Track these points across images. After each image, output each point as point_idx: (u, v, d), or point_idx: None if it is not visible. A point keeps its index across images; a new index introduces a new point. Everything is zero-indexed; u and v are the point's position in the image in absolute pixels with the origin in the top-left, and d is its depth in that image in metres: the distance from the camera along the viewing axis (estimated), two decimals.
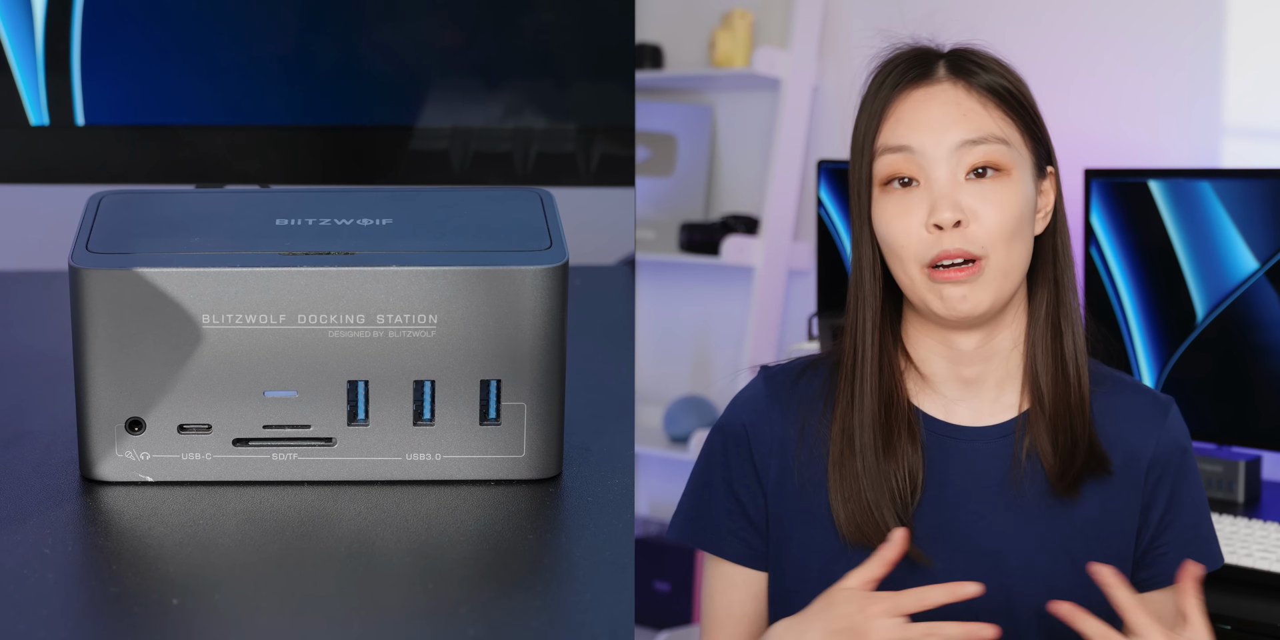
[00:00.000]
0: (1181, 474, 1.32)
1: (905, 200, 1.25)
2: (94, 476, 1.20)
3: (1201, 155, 2.44)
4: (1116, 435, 1.30)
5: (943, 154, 1.24)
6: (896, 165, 1.25)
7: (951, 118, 1.25)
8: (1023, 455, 1.28)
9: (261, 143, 1.43)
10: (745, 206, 3.10)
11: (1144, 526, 1.31)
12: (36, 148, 1.41)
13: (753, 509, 1.33)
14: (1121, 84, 2.52)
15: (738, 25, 2.95)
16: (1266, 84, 2.39)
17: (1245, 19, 2.41)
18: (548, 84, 1.44)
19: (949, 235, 1.23)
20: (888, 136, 1.26)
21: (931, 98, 1.26)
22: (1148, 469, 1.30)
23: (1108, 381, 1.33)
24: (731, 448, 1.34)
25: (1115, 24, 2.53)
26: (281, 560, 1.12)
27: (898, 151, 1.25)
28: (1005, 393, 1.31)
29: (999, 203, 1.24)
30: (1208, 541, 1.34)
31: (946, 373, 1.30)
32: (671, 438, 3.04)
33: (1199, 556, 1.32)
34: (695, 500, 1.36)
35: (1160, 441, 1.31)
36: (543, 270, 1.18)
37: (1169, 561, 1.31)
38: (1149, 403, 1.33)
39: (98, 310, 1.17)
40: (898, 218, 1.25)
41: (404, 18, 1.41)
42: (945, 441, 1.29)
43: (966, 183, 1.24)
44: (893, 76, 1.27)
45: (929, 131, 1.25)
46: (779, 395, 1.33)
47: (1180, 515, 1.32)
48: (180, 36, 1.40)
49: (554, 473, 1.23)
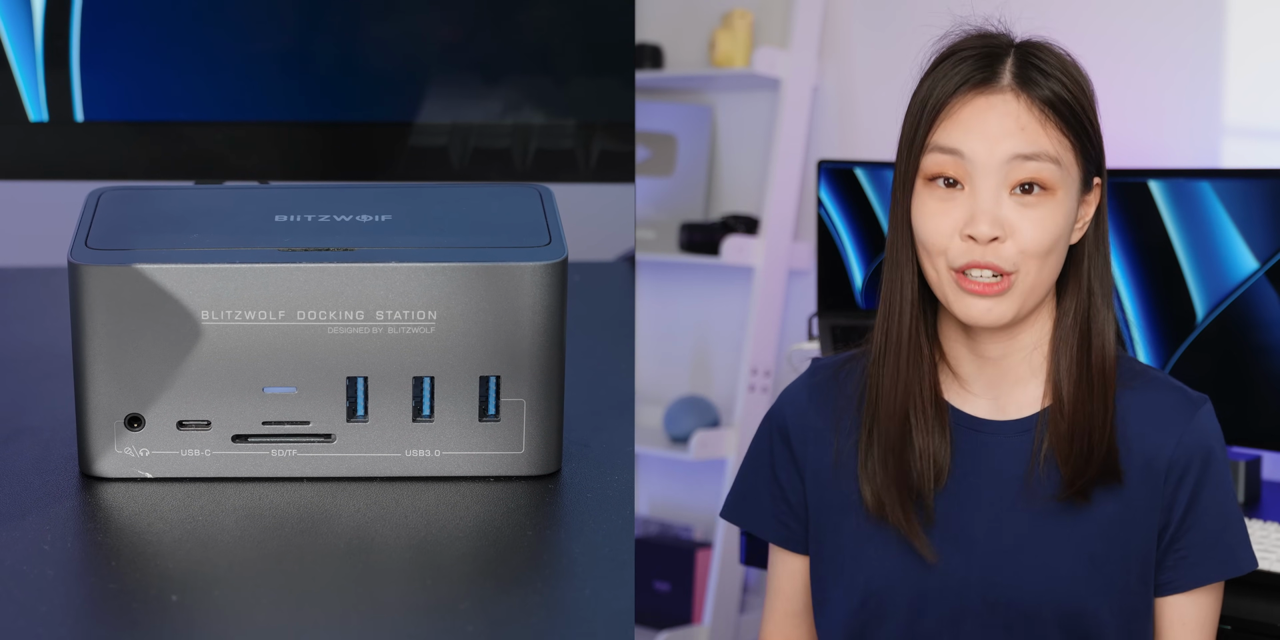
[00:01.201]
0: (1204, 476, 1.29)
1: (947, 201, 1.25)
2: (93, 473, 1.20)
3: (1201, 155, 2.44)
4: (1139, 433, 1.29)
5: (994, 165, 1.23)
6: (944, 165, 1.24)
7: (1008, 130, 1.24)
8: (1041, 453, 1.28)
9: (260, 139, 1.43)
10: (745, 206, 3.10)
11: (1165, 527, 1.28)
12: (36, 144, 1.41)
13: (792, 494, 1.36)
14: (1121, 84, 2.52)
15: (738, 25, 2.95)
16: (1266, 84, 2.39)
17: (1245, 19, 2.41)
18: (547, 80, 1.44)
19: (985, 249, 1.23)
20: (941, 136, 1.25)
21: (992, 107, 1.24)
22: (1167, 469, 1.28)
23: (1140, 379, 1.31)
24: (775, 436, 1.37)
25: (1115, 24, 2.53)
26: (281, 556, 1.12)
27: (949, 153, 1.24)
28: (1028, 388, 1.30)
29: (1039, 222, 1.23)
30: (1231, 548, 1.30)
31: (969, 364, 1.31)
32: (671, 437, 3.04)
33: (1220, 563, 1.30)
34: (743, 484, 1.40)
35: (1182, 442, 1.28)
36: (542, 266, 1.18)
37: (1189, 566, 1.29)
38: (1177, 401, 1.31)
39: (97, 306, 1.16)
40: (935, 217, 1.25)
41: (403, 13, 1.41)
42: (965, 433, 1.30)
43: (1010, 197, 1.23)
44: (958, 73, 1.26)
45: (983, 140, 1.24)
46: (820, 387, 1.36)
47: (1202, 519, 1.29)
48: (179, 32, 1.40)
49: (553, 469, 1.23)
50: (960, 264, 1.24)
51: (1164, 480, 1.28)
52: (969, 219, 1.23)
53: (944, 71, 1.27)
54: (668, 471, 3.22)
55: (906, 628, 1.29)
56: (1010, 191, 1.24)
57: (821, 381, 1.36)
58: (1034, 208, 1.24)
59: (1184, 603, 1.30)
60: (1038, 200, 1.24)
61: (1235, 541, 1.31)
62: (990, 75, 1.26)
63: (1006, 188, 1.24)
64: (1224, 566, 1.30)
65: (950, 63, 1.27)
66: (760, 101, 3.07)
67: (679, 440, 3.02)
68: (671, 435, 3.03)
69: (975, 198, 1.24)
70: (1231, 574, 1.30)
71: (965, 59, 1.27)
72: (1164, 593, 1.30)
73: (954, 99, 1.25)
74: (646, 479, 3.24)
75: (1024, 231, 1.23)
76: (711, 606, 2.94)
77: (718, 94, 3.16)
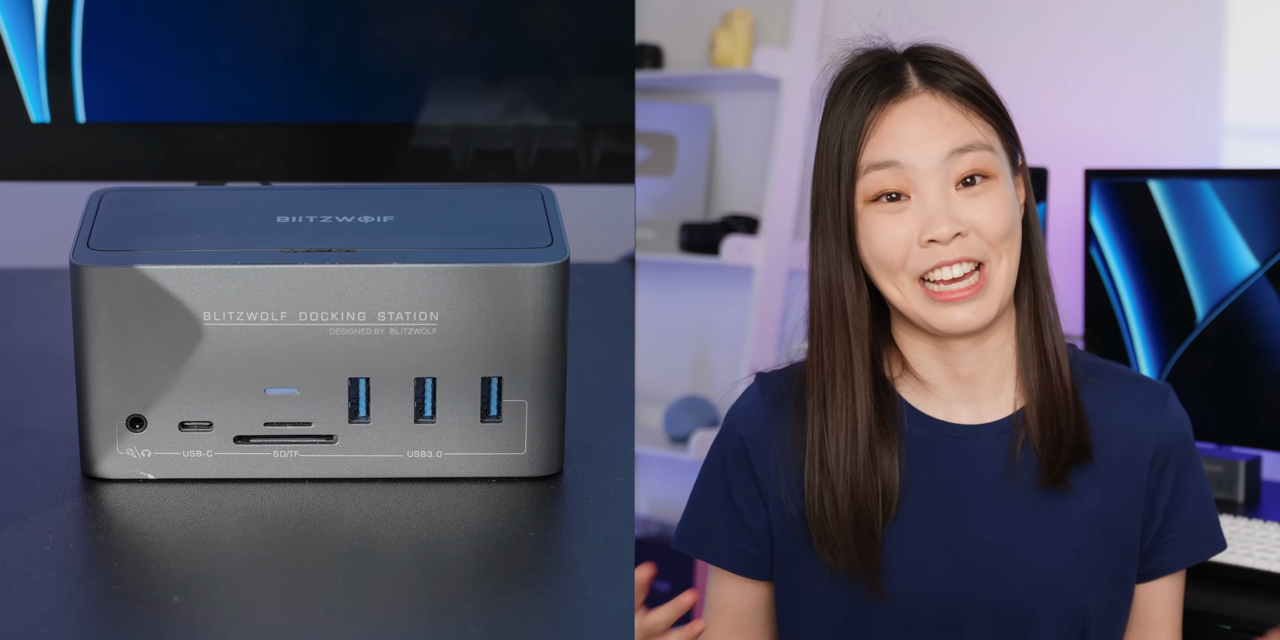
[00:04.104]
0: (1185, 460, 1.32)
1: (897, 213, 1.23)
2: (95, 474, 1.20)
3: (1201, 155, 2.44)
4: (1120, 426, 1.30)
5: (932, 166, 1.23)
6: (884, 181, 1.23)
7: (936, 128, 1.23)
8: (1018, 449, 1.28)
9: (262, 140, 1.43)
10: (745, 206, 3.10)
11: (1151, 515, 1.31)
12: (37, 145, 1.41)
13: (752, 519, 1.33)
14: (1121, 84, 2.52)
15: (738, 25, 2.95)
16: (1266, 84, 2.39)
17: (1245, 19, 2.41)
18: (548, 81, 1.44)
19: (950, 247, 1.23)
20: (872, 153, 1.23)
21: (912, 110, 1.24)
22: (1152, 458, 1.30)
23: (1100, 372, 1.33)
24: (730, 459, 1.34)
25: (1115, 24, 2.53)
26: (282, 558, 1.12)
27: (885, 167, 1.23)
28: (1003, 389, 1.30)
29: (991, 207, 1.23)
30: (1213, 526, 1.34)
31: (943, 374, 1.30)
32: (671, 438, 3.04)
33: (1206, 541, 1.34)
34: (696, 511, 1.37)
35: (1162, 430, 1.31)
36: (544, 267, 1.18)
37: (1177, 548, 1.32)
38: (1147, 391, 1.33)
39: (99, 307, 1.17)
40: (888, 231, 1.24)
41: (405, 14, 1.41)
42: (946, 441, 1.29)
43: (957, 192, 1.23)
44: (866, 92, 1.25)
45: (915, 144, 1.23)
46: (774, 402, 1.33)
47: (1186, 501, 1.32)
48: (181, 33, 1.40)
49: (555, 470, 1.23)
50: (925, 267, 1.23)
51: (1149, 468, 1.30)
52: (924, 225, 1.22)
53: (848, 97, 1.25)
54: (668, 472, 3.22)
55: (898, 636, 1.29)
56: (955, 187, 1.23)
57: (776, 394, 1.34)
58: (982, 195, 1.23)
59: (1165, 583, 1.34)
60: (984, 188, 1.24)
61: (1214, 521, 1.35)
62: (896, 84, 1.25)
63: (951, 184, 1.23)
64: (1210, 545, 1.34)
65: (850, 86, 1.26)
66: (760, 101, 3.07)
67: (679, 440, 3.02)
68: (671, 435, 3.04)
69: (925, 203, 1.23)
70: (1216, 552, 1.35)
71: (865, 79, 1.26)
72: (1154, 576, 1.32)
73: (871, 113, 1.24)
74: (646, 479, 3.24)
75: (981, 221, 1.23)
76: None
77: (718, 94, 3.16)
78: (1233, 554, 1.80)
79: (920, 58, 1.27)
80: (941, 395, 1.30)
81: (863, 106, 1.24)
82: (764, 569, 1.34)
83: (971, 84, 1.26)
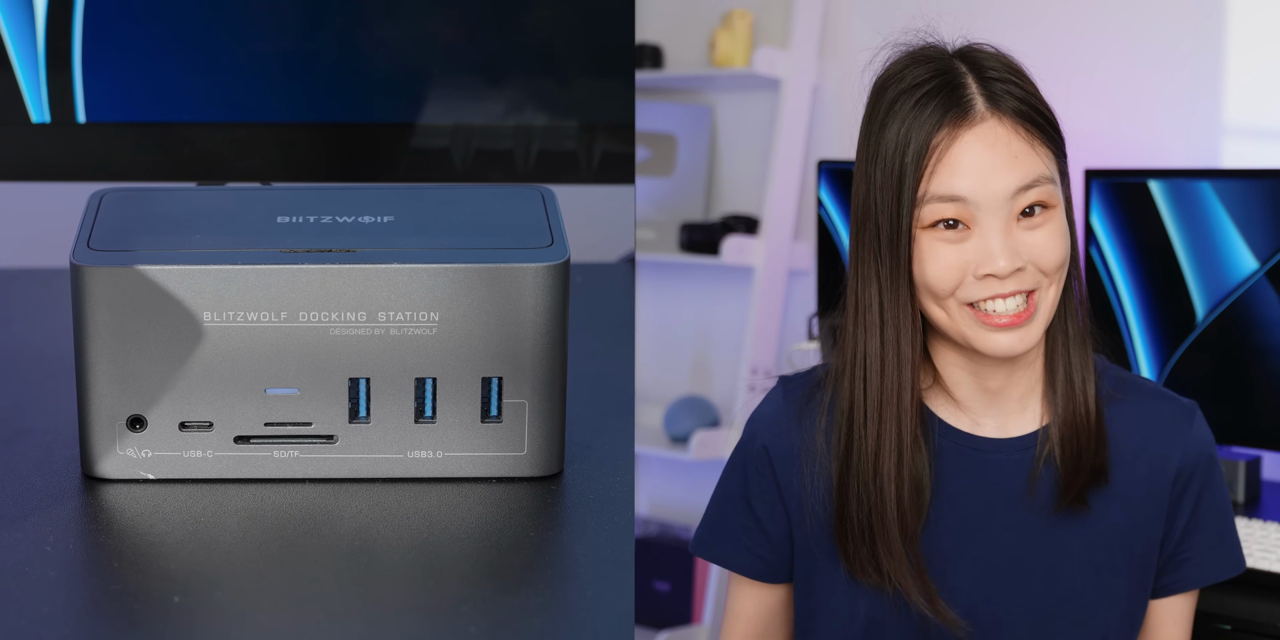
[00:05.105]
0: (1208, 480, 1.31)
1: (955, 243, 1.21)
2: (95, 474, 1.20)
3: (1201, 155, 2.44)
4: (1142, 444, 1.29)
5: (997, 204, 1.20)
6: (948, 212, 1.20)
7: (1004, 161, 1.20)
8: (1040, 465, 1.27)
9: (262, 140, 1.43)
10: (745, 206, 3.10)
11: (1169, 533, 1.30)
12: (38, 145, 1.41)
13: (771, 526, 1.32)
14: (1121, 84, 2.52)
15: (738, 25, 2.95)
16: (1266, 84, 2.39)
17: (1245, 19, 2.41)
18: (548, 81, 1.44)
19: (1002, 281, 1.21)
20: (938, 185, 1.20)
21: (980, 139, 1.20)
22: (1175, 476, 1.29)
23: (1128, 387, 1.31)
24: (752, 466, 1.33)
25: (1115, 24, 2.53)
26: (283, 558, 1.12)
27: (950, 201, 1.20)
28: (1029, 405, 1.29)
29: (1050, 239, 1.21)
30: (1232, 546, 1.33)
31: (972, 387, 1.28)
32: (671, 438, 3.04)
33: (1222, 562, 1.32)
34: (715, 516, 1.36)
35: (1187, 450, 1.29)
36: (544, 267, 1.18)
37: (1192, 567, 1.31)
38: (1173, 410, 1.31)
39: (99, 307, 1.17)
40: (943, 260, 1.21)
41: (405, 14, 1.41)
42: (971, 453, 1.28)
43: (1017, 225, 1.21)
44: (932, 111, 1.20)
45: (981, 181, 1.20)
46: (799, 408, 1.31)
47: (1205, 521, 1.31)
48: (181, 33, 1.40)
49: (555, 470, 1.23)
50: (980, 297, 1.21)
51: (1171, 487, 1.29)
52: (983, 259, 1.20)
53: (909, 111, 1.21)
54: (668, 471, 3.22)
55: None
56: (1016, 219, 1.21)
57: (799, 400, 1.32)
58: (1042, 227, 1.22)
59: (1178, 602, 1.33)
60: (1044, 219, 1.22)
61: (1233, 542, 1.33)
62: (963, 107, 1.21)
63: (1013, 218, 1.21)
64: (1225, 567, 1.33)
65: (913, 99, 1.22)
66: (760, 101, 3.07)
67: (679, 440, 3.02)
68: (671, 435, 3.04)
69: (985, 237, 1.20)
70: (1231, 574, 1.33)
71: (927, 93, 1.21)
72: (1165, 594, 1.31)
73: (936, 140, 1.20)
74: (647, 479, 3.24)
75: (1039, 254, 1.21)
76: (711, 606, 2.94)
77: (718, 94, 3.16)
78: None
79: (976, 65, 1.23)
80: (969, 409, 1.29)
81: (927, 127, 1.20)
82: (781, 574, 1.33)
83: (1030, 101, 1.22)
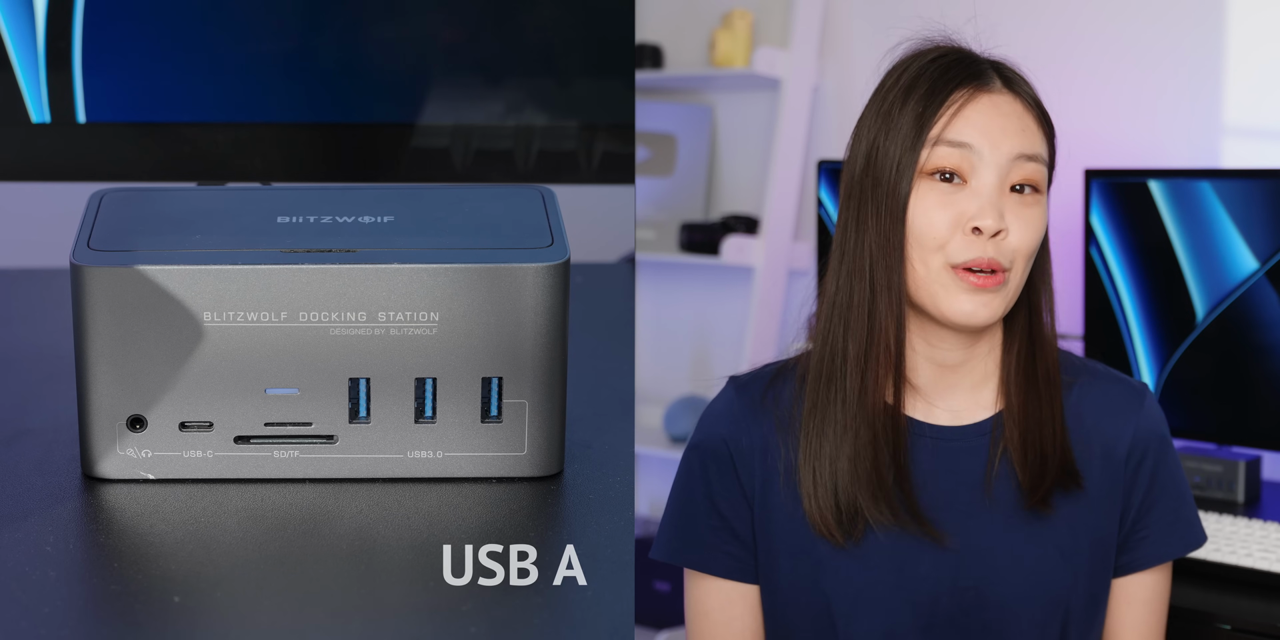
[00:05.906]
0: (1160, 458, 1.34)
1: (949, 195, 1.24)
2: (95, 474, 1.20)
3: (1201, 155, 2.44)
4: (1095, 426, 1.32)
5: (1000, 161, 1.24)
6: (951, 159, 1.24)
7: (1016, 128, 1.25)
8: (998, 454, 1.29)
9: (263, 140, 1.43)
10: (745, 206, 3.10)
11: (1126, 511, 1.33)
12: (38, 145, 1.41)
13: (737, 523, 1.33)
14: (1121, 84, 2.52)
15: (738, 25, 2.95)
16: (1266, 84, 2.39)
17: (1245, 19, 2.41)
18: (548, 81, 1.44)
19: (987, 243, 1.23)
20: (951, 130, 1.25)
21: (996, 105, 1.26)
22: (1127, 456, 1.32)
23: (1082, 373, 1.34)
24: (711, 464, 1.33)
25: (1115, 24, 2.53)
26: (283, 558, 1.12)
27: (957, 147, 1.24)
28: (981, 392, 1.31)
29: (1030, 223, 1.25)
30: (1189, 524, 1.36)
31: (929, 373, 1.30)
32: (671, 437, 3.04)
33: (1181, 539, 1.35)
34: (678, 519, 1.36)
35: (1138, 429, 1.33)
36: (544, 268, 1.18)
37: (1150, 545, 1.34)
38: (1124, 392, 1.34)
39: (99, 308, 1.17)
40: (938, 210, 1.24)
41: (405, 15, 1.41)
42: (927, 442, 1.30)
43: (1008, 195, 1.25)
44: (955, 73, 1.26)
45: (991, 135, 1.24)
46: (754, 404, 1.33)
47: (1161, 499, 1.34)
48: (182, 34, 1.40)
49: (555, 470, 1.23)
50: (963, 260, 1.24)
51: (1124, 467, 1.32)
52: (975, 212, 1.23)
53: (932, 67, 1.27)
54: (668, 471, 3.21)
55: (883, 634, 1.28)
56: (1009, 190, 1.25)
57: (754, 397, 1.33)
58: (1028, 208, 1.25)
59: (1140, 580, 1.35)
60: (1031, 200, 1.26)
61: (1191, 518, 1.36)
62: (982, 75, 1.27)
63: (1006, 185, 1.25)
64: (1184, 543, 1.35)
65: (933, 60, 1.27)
66: (760, 101, 3.07)
67: (679, 440, 3.02)
68: (671, 435, 3.04)
69: (979, 192, 1.24)
70: (1190, 550, 1.36)
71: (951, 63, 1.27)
72: (1126, 572, 1.34)
73: (958, 93, 1.25)
74: (647, 479, 3.24)
75: (1016, 231, 1.25)
76: None
77: (718, 94, 3.16)
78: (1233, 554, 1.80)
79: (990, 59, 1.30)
80: (925, 396, 1.31)
81: (950, 83, 1.25)
82: (750, 572, 1.34)
83: (1038, 100, 1.29)
